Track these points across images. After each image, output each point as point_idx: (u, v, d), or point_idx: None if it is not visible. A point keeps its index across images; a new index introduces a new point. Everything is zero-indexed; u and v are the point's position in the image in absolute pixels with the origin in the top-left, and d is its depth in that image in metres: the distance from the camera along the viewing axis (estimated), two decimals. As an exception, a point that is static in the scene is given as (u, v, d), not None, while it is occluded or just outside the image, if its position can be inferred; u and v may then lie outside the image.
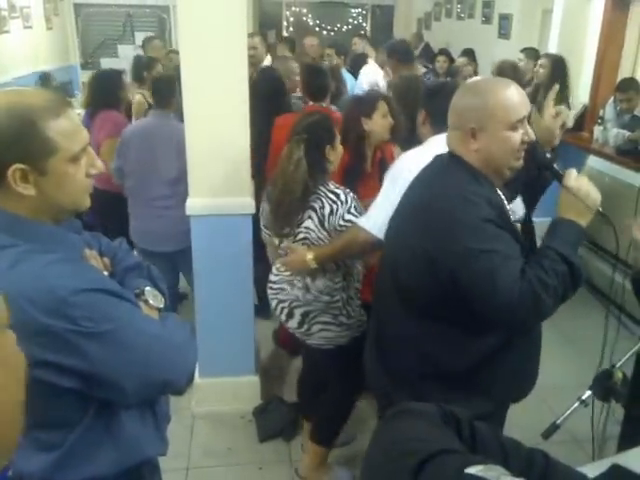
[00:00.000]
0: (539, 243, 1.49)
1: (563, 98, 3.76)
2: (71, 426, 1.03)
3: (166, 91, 2.81)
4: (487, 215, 1.28)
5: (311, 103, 2.99)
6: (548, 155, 1.41)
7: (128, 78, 3.66)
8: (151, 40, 5.16)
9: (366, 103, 2.36)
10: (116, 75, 3.38)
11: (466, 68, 4.86)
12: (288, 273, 2.03)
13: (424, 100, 2.04)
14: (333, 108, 3.03)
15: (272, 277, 2.13)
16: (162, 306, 1.13)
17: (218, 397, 2.62)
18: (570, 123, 3.82)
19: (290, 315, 2.05)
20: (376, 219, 1.77)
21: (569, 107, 3.88)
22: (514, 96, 1.34)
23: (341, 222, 1.88)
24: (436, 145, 1.74)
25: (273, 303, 2.13)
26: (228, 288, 2.45)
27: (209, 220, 2.35)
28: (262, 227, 2.12)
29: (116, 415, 1.07)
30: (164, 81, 2.94)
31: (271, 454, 2.43)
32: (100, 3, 7.98)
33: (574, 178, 1.34)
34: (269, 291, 2.14)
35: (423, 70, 3.78)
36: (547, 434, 1.49)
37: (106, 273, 1.12)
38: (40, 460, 1.03)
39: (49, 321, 0.90)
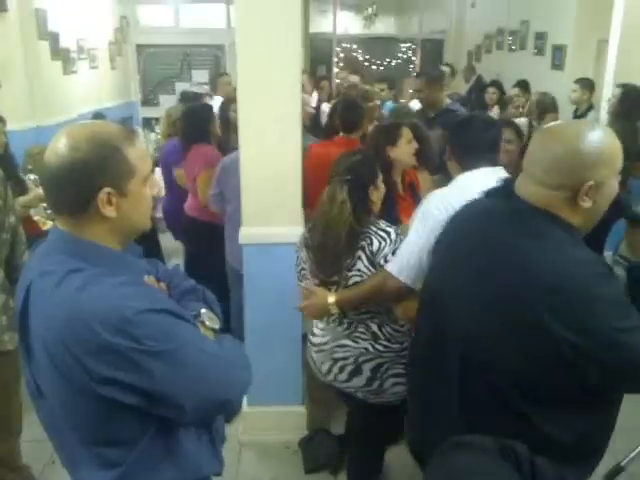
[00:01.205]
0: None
1: (634, 128, 3.64)
2: (133, 443, 1.05)
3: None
4: (619, 289, 1.17)
5: (341, 134, 3.09)
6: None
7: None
8: (219, 76, 5.26)
9: (390, 132, 2.36)
10: (206, 110, 3.46)
11: (518, 99, 4.80)
12: (343, 328, 1.88)
13: (450, 134, 1.90)
14: None
15: (317, 339, 1.97)
16: (218, 327, 1.16)
17: (264, 426, 2.62)
18: None
19: (356, 372, 1.86)
20: (403, 264, 1.69)
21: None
22: (617, 139, 1.19)
23: (382, 262, 1.77)
24: (467, 184, 1.65)
25: (326, 365, 1.93)
26: (277, 317, 2.47)
27: (260, 248, 2.40)
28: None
29: (175, 433, 1.09)
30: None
31: (317, 487, 2.39)
32: (160, 44, 8.47)
33: None
34: (315, 354, 1.97)
35: (448, 101, 3.72)
36: (610, 476, 1.40)
37: None
38: (104, 477, 1.05)
39: (115, 339, 0.94)
